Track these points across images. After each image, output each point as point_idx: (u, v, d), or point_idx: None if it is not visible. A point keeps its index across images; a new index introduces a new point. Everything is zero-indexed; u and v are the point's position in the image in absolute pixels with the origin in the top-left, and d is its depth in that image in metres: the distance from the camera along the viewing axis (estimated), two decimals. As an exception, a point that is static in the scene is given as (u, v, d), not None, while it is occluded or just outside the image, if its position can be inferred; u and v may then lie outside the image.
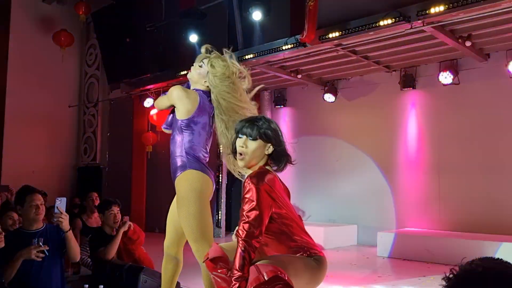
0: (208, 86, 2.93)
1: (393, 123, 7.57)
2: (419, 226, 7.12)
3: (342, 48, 6.65)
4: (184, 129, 2.84)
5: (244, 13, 7.13)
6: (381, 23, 5.63)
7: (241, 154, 2.35)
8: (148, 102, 9.82)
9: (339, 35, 6.08)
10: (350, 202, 7.83)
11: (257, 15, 6.89)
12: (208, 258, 2.24)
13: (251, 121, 2.38)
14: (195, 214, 2.70)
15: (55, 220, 3.12)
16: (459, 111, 6.91)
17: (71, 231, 3.22)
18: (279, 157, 2.38)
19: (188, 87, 3.04)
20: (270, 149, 2.36)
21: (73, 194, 9.85)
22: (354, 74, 8.00)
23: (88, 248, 4.66)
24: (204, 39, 8.07)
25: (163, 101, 2.98)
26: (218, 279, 2.20)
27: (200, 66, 2.96)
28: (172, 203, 2.96)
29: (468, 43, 6.04)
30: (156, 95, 9.66)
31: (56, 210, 3.09)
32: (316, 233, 7.26)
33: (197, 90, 2.93)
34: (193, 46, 8.21)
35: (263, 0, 6.95)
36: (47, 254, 3.08)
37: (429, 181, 7.14)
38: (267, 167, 2.36)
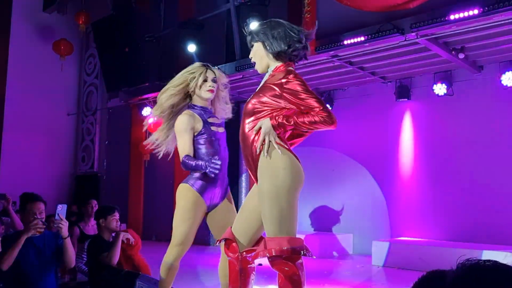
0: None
1: (389, 133, 7.66)
2: (413, 236, 7.17)
3: (338, 59, 6.76)
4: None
5: (242, 24, 7.23)
6: (376, 35, 5.75)
7: (254, 62, 2.67)
8: (146, 111, 9.90)
9: (335, 46, 6.18)
10: (345, 212, 7.89)
11: (255, 26, 6.98)
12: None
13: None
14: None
15: (55, 226, 3.19)
16: (453, 122, 7.00)
17: (69, 238, 3.28)
18: (286, 51, 2.52)
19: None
20: (270, 46, 2.53)
21: (71, 202, 9.88)
22: (350, 85, 8.10)
23: (83, 255, 4.71)
24: (202, 49, 8.20)
25: None
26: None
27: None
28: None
29: (461, 55, 6.15)
30: (155, 104, 9.73)
31: (56, 217, 3.17)
32: (312, 242, 7.32)
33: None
34: (192, 56, 8.32)
35: (261, 11, 7.06)
36: (46, 224, 3.18)
37: (423, 190, 7.21)
38: (289, 68, 2.54)
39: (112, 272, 3.71)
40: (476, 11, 5.00)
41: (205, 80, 3.11)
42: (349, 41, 6.04)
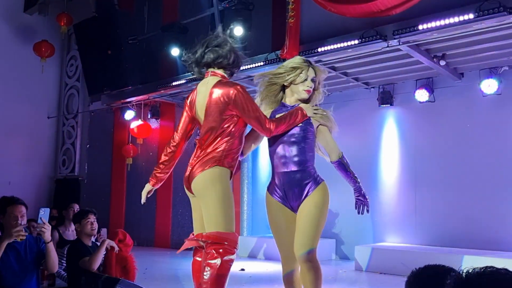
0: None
1: (372, 138, 7.71)
2: (395, 241, 7.22)
3: (322, 64, 6.78)
4: (314, 149, 3.11)
5: (226, 28, 7.21)
6: (359, 41, 5.79)
7: None
8: (129, 115, 9.80)
9: (319, 52, 6.21)
10: (328, 216, 7.87)
11: (238, 31, 6.99)
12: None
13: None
14: (318, 226, 2.95)
15: (38, 230, 3.15)
16: (434, 128, 7.09)
17: (52, 242, 3.23)
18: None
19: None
20: None
21: (51, 206, 9.72)
22: (333, 90, 8.14)
23: (62, 260, 4.63)
24: (185, 52, 8.15)
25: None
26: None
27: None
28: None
29: (442, 62, 6.23)
30: (137, 107, 9.66)
31: (39, 220, 3.13)
32: (295, 246, 7.33)
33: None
34: (175, 60, 8.27)
35: (245, 16, 7.07)
36: (27, 232, 3.10)
37: (405, 196, 7.27)
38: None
39: (91, 278, 3.65)
40: (457, 19, 5.08)
41: (305, 79, 3.07)
42: (332, 47, 6.07)
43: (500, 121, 6.52)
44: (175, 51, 8.06)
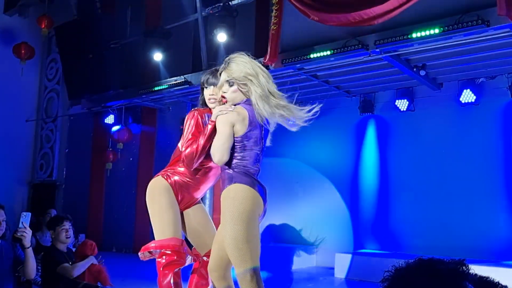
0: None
1: (352, 146, 7.78)
2: (375, 248, 7.28)
3: (304, 72, 6.84)
4: (236, 145, 2.68)
5: (209, 34, 7.24)
6: (341, 50, 5.85)
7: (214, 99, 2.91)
8: (109, 119, 9.69)
9: (301, 60, 6.26)
10: (308, 224, 7.93)
11: (221, 37, 7.00)
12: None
13: (214, 72, 2.92)
14: (234, 235, 2.48)
15: (18, 234, 3.11)
16: (414, 137, 7.19)
17: (31, 247, 3.19)
18: None
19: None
20: None
21: (27, 211, 9.52)
22: (315, 98, 8.17)
23: (39, 267, 4.53)
24: (168, 58, 8.13)
25: (224, 136, 2.65)
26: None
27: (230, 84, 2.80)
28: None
29: (422, 73, 6.33)
30: (118, 112, 9.56)
31: (20, 225, 3.09)
32: (276, 253, 7.32)
33: (240, 104, 2.77)
34: (158, 65, 8.24)
35: (229, 22, 7.08)
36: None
37: (385, 203, 7.35)
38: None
39: (69, 284, 3.59)
40: (437, 31, 5.18)
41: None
42: (315, 55, 6.12)
43: (477, 130, 6.65)
44: (157, 56, 8.03)
